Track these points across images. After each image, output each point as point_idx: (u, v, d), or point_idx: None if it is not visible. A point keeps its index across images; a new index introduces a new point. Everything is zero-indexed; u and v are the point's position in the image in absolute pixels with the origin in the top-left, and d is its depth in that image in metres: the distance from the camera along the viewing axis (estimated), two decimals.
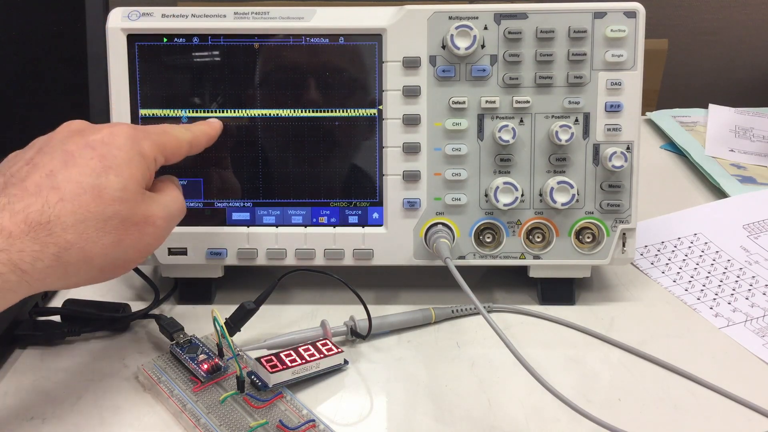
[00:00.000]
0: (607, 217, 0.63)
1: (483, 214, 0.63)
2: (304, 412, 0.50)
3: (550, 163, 0.62)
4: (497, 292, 0.68)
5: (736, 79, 1.60)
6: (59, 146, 0.50)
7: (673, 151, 1.02)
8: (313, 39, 0.62)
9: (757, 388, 0.54)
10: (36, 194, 0.46)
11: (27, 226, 0.45)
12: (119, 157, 0.50)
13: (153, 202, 0.52)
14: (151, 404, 0.53)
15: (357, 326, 0.60)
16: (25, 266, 0.45)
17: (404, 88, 0.62)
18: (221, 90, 0.63)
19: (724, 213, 0.81)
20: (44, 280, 0.46)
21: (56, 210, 0.46)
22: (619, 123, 0.62)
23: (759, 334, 0.62)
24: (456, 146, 0.62)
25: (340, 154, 0.64)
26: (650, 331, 0.62)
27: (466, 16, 0.61)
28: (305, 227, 0.64)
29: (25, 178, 0.47)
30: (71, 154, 0.49)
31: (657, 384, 0.55)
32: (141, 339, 0.61)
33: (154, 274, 0.69)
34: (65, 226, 0.46)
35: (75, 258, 0.47)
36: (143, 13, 0.62)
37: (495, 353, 0.58)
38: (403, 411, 0.53)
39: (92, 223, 0.47)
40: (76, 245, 0.47)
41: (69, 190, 0.47)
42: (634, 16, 0.61)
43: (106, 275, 0.50)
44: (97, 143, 0.50)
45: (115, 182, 0.49)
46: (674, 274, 0.71)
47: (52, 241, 0.46)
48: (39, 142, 0.52)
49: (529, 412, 0.52)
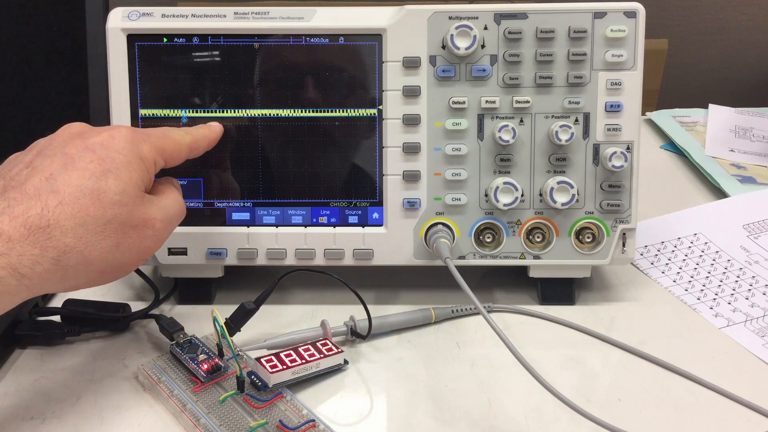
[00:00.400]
0: (607, 217, 0.63)
1: (483, 214, 0.63)
2: (304, 412, 0.50)
3: (550, 163, 0.62)
4: (497, 292, 0.68)
5: (736, 79, 1.60)
6: (59, 149, 0.50)
7: (673, 151, 1.02)
8: (313, 39, 0.62)
9: (757, 388, 0.54)
10: (35, 198, 0.46)
11: (26, 230, 0.45)
12: (118, 161, 0.50)
13: (152, 205, 0.52)
14: (151, 404, 0.53)
15: (357, 326, 0.60)
16: (25, 270, 0.45)
17: (404, 88, 0.62)
18: (221, 90, 0.63)
19: (724, 213, 0.81)
20: (43, 283, 0.46)
21: (55, 214, 0.46)
22: (619, 123, 0.62)
23: (759, 334, 0.62)
24: (456, 146, 0.62)
25: (340, 154, 0.64)
26: (650, 331, 0.62)
27: (466, 16, 0.61)
28: (305, 227, 0.64)
29: (24, 182, 0.47)
30: (71, 158, 0.49)
31: (657, 384, 0.55)
32: (141, 339, 0.61)
33: (154, 274, 0.69)
34: (64, 230, 0.46)
35: (74, 261, 0.47)
36: (143, 13, 0.62)
37: (495, 353, 0.58)
38: (403, 411, 0.53)
39: (91, 227, 0.47)
40: (76, 249, 0.47)
41: (68, 193, 0.47)
42: (634, 16, 0.61)
43: (105, 278, 0.50)
44: (96, 146, 0.50)
45: (115, 186, 0.49)
46: (674, 274, 0.71)
47: (52, 245, 0.46)
48: (38, 145, 0.52)
49: (529, 412, 0.52)
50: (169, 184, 0.56)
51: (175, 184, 0.58)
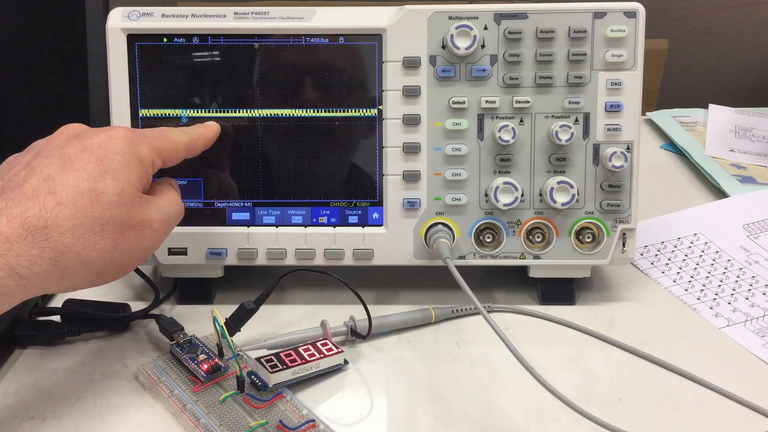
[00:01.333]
0: (607, 217, 0.63)
1: (483, 214, 0.63)
2: (304, 412, 0.50)
3: (550, 163, 0.62)
4: (497, 292, 0.68)
5: (736, 79, 1.60)
6: (57, 150, 0.50)
7: (673, 151, 1.02)
8: (313, 39, 0.62)
9: (757, 388, 0.54)
10: (33, 198, 0.46)
11: (24, 230, 0.45)
12: (116, 161, 0.50)
13: (150, 206, 0.52)
14: (151, 404, 0.53)
15: (357, 326, 0.60)
16: (23, 271, 0.45)
17: (404, 88, 0.62)
18: (221, 90, 0.63)
19: (724, 213, 0.81)
20: (42, 284, 0.46)
21: (53, 214, 0.46)
22: (619, 123, 0.62)
23: (759, 334, 0.62)
24: (456, 146, 0.62)
25: (340, 154, 0.64)
26: (650, 331, 0.62)
27: (466, 16, 0.61)
28: (305, 227, 0.64)
29: (22, 183, 0.47)
30: (69, 158, 0.49)
31: (657, 384, 0.55)
32: (141, 339, 0.61)
33: (154, 274, 0.69)
34: (62, 231, 0.46)
35: (72, 262, 0.47)
36: (143, 13, 0.62)
37: (495, 353, 0.58)
38: (403, 411, 0.53)
39: (89, 227, 0.47)
40: (74, 249, 0.47)
41: (66, 194, 0.47)
42: (634, 16, 0.61)
43: (103, 279, 0.50)
44: (94, 147, 0.50)
45: (112, 186, 0.49)
46: (674, 274, 0.71)
47: (50, 246, 0.46)
48: (37, 146, 0.52)
49: (529, 412, 0.52)
50: (167, 185, 0.56)
51: (173, 184, 0.58)
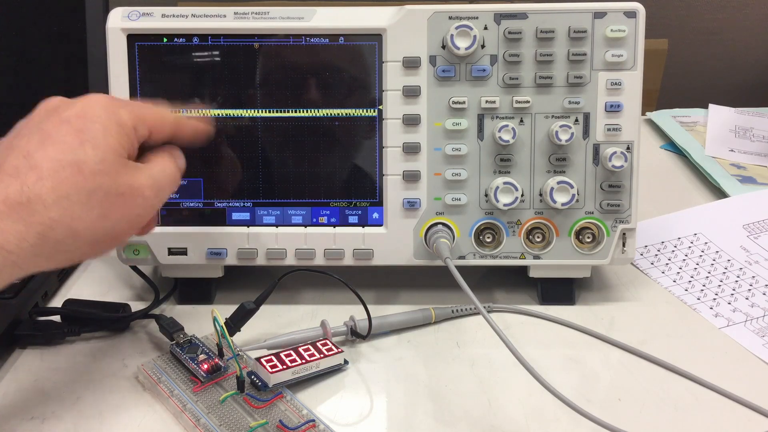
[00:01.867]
0: (607, 217, 0.63)
1: (483, 214, 0.63)
2: (304, 412, 0.50)
3: (550, 163, 0.62)
4: (497, 292, 0.68)
5: (736, 79, 1.60)
6: (36, 126, 0.49)
7: (673, 151, 1.02)
8: (313, 39, 0.62)
9: (757, 388, 0.54)
10: (14, 176, 0.46)
11: (7, 206, 0.45)
12: (94, 129, 0.49)
13: (138, 172, 0.51)
14: (151, 404, 0.53)
15: (357, 326, 0.60)
16: (11, 246, 0.44)
17: (404, 88, 0.62)
18: (221, 90, 0.63)
19: (724, 213, 0.81)
20: (32, 259, 0.46)
21: (35, 189, 0.46)
22: (619, 123, 0.62)
23: (759, 334, 0.62)
24: (456, 146, 0.62)
25: (340, 154, 0.64)
26: (650, 331, 0.62)
27: (466, 16, 0.61)
28: (305, 227, 0.64)
29: (2, 162, 0.47)
30: (47, 133, 0.48)
31: (657, 384, 0.55)
32: (141, 339, 0.61)
33: (154, 274, 0.69)
34: (47, 204, 0.46)
35: (62, 235, 0.46)
36: (143, 13, 0.62)
37: (495, 353, 0.58)
38: (403, 411, 0.53)
39: (75, 199, 0.47)
40: (62, 222, 0.46)
41: (47, 168, 0.46)
42: (634, 16, 0.61)
43: (99, 250, 0.50)
44: (72, 118, 0.49)
45: (93, 155, 0.48)
46: (674, 274, 0.71)
47: (36, 221, 0.45)
48: (18, 126, 0.51)
49: (529, 412, 0.52)
50: (163, 153, 0.54)
51: (170, 152, 0.55)
